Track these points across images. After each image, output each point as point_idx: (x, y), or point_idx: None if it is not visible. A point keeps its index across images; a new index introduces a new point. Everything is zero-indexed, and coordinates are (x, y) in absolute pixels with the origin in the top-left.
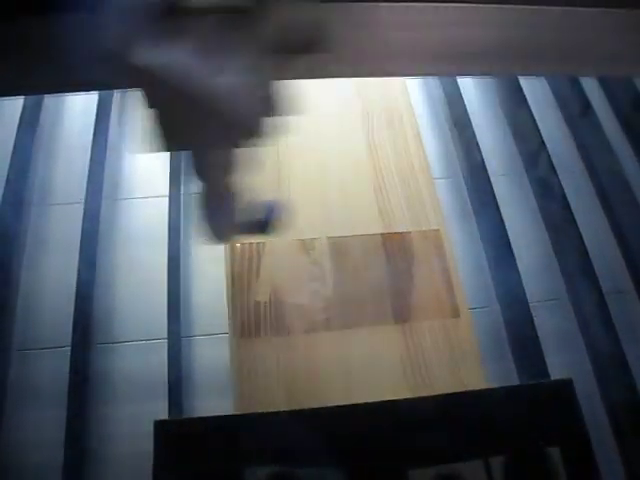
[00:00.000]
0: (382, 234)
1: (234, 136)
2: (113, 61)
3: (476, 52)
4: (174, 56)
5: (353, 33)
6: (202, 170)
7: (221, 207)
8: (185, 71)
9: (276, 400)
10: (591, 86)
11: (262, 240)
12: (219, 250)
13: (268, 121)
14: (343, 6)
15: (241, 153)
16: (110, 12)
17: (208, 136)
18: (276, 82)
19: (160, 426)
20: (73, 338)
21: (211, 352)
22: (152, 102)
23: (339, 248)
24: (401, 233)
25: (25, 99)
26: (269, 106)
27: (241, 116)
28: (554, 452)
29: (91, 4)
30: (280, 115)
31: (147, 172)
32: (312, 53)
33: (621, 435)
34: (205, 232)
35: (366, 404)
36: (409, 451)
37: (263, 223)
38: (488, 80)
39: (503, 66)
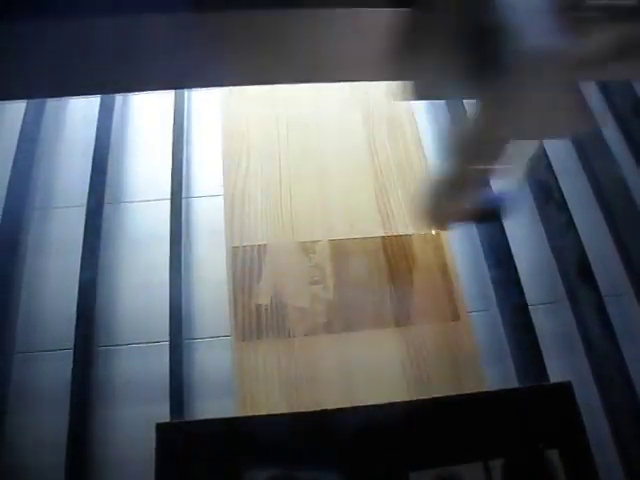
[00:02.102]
0: (382, 237)
1: (564, 129)
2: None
3: None
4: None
5: (352, 38)
6: (474, 156)
7: (460, 192)
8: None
9: (277, 402)
10: (590, 89)
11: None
12: (220, 253)
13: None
14: (339, 12)
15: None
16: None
17: (548, 126)
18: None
19: (162, 428)
20: (75, 341)
21: (213, 355)
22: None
23: (340, 251)
24: (401, 236)
25: (27, 103)
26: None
27: (577, 114)
28: (553, 454)
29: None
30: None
31: (148, 175)
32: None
33: (620, 437)
34: (429, 216)
35: (366, 406)
36: (409, 453)
37: (490, 211)
38: None
39: None
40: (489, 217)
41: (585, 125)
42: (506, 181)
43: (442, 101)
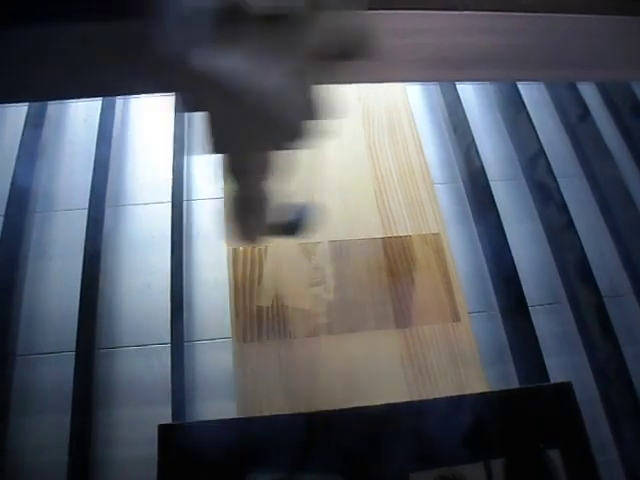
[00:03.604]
0: (383, 238)
1: (278, 139)
2: (166, 65)
3: (475, 59)
4: (227, 60)
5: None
6: (238, 172)
7: (253, 209)
8: (237, 75)
9: (278, 403)
10: (590, 92)
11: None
12: (221, 255)
13: (310, 125)
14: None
15: (278, 156)
16: (166, 17)
17: (253, 139)
18: (318, 86)
19: (164, 430)
20: (77, 343)
21: (214, 356)
22: (200, 106)
23: (340, 252)
24: (401, 237)
25: (29, 106)
26: (312, 110)
27: (286, 119)
28: (554, 454)
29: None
30: (321, 119)
31: (150, 178)
32: (353, 59)
33: (620, 437)
34: (233, 233)
35: (368, 407)
36: (411, 454)
37: (294, 225)
38: (487, 86)
39: (502, 72)
40: (294, 230)
41: (286, 138)
42: (303, 194)
43: (442, 101)
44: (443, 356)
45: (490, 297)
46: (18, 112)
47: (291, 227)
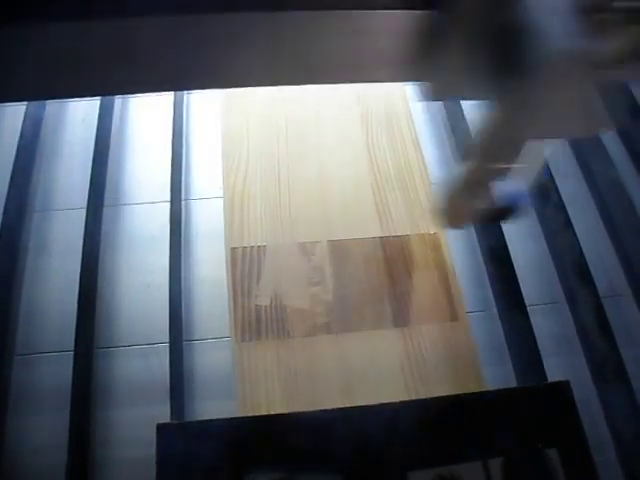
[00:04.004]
0: (381, 237)
1: (582, 129)
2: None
3: None
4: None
5: (351, 39)
6: (491, 156)
7: (477, 193)
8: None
9: (277, 402)
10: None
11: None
12: (220, 255)
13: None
14: (340, 13)
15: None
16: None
17: (566, 126)
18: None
19: (163, 429)
20: (75, 343)
21: (212, 356)
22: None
23: (339, 252)
24: (400, 237)
25: (27, 105)
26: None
27: (596, 114)
28: (552, 453)
29: None
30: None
31: (148, 178)
32: None
33: (618, 436)
34: (444, 216)
35: (366, 407)
36: (409, 453)
37: (505, 210)
38: None
39: None
40: (504, 216)
41: (602, 126)
42: (519, 180)
43: (440, 102)
44: (441, 355)
45: (488, 296)
46: (16, 112)
47: (502, 213)
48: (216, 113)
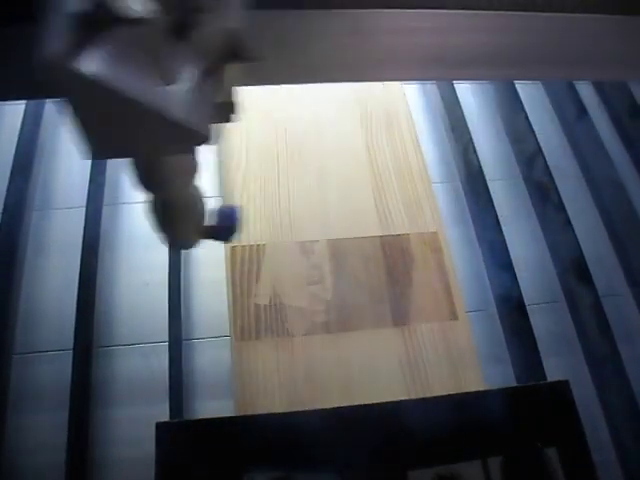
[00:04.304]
0: (381, 237)
1: (180, 142)
2: (48, 70)
3: (473, 58)
4: (113, 66)
5: (350, 39)
6: (151, 179)
7: (175, 215)
8: (125, 80)
9: (276, 402)
10: (587, 91)
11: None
12: (219, 253)
13: (214, 126)
14: (339, 12)
15: (188, 159)
16: (43, 21)
17: (152, 144)
18: (225, 89)
19: (162, 428)
20: (74, 342)
21: (212, 355)
22: (88, 113)
23: (338, 251)
24: (399, 236)
25: (26, 104)
26: (217, 112)
27: (188, 123)
28: (551, 452)
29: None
30: (226, 121)
31: None
32: (238, 62)
33: (618, 435)
34: (164, 239)
35: (365, 406)
36: (408, 452)
37: (221, 229)
38: (485, 85)
39: (500, 71)
40: (226, 234)
41: (191, 141)
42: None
43: (440, 101)
44: (441, 354)
45: (488, 296)
46: (16, 110)
47: (218, 232)
48: None
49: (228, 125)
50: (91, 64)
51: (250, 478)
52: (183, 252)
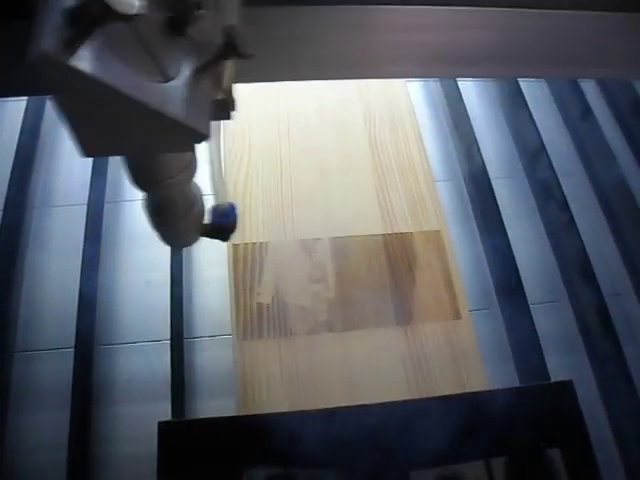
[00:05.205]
0: (384, 235)
1: (178, 140)
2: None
3: (477, 55)
4: (108, 62)
5: (354, 35)
6: (147, 177)
7: (172, 213)
8: (121, 76)
9: (278, 401)
10: (591, 89)
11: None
12: (222, 252)
13: (211, 124)
14: (343, 9)
15: (186, 156)
16: (38, 17)
17: (149, 141)
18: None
19: (164, 427)
20: (76, 340)
21: (214, 354)
22: (81, 109)
23: (341, 249)
24: (403, 234)
25: (28, 101)
26: (216, 109)
27: (186, 120)
28: (555, 453)
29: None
30: (226, 119)
31: None
32: (235, 58)
33: (621, 435)
34: (161, 238)
35: (368, 405)
36: (411, 452)
37: (217, 228)
38: (489, 83)
39: (503, 68)
40: (225, 232)
41: (190, 139)
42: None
43: (443, 98)
44: (444, 354)
45: (491, 295)
46: (17, 107)
47: (215, 230)
48: None
49: (230, 123)
50: (86, 60)
51: (250, 475)
52: (185, 250)
